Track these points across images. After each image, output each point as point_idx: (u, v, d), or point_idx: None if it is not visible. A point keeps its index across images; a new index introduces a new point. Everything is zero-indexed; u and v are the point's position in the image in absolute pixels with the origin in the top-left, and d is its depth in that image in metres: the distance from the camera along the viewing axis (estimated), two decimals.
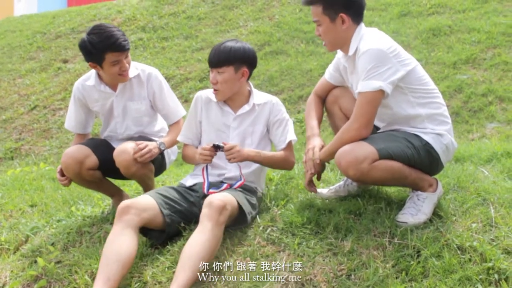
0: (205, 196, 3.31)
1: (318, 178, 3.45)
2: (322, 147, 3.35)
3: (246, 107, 3.55)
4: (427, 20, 9.34)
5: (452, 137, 3.25)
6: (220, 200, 3.05)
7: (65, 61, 11.42)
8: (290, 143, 3.57)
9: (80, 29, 12.47)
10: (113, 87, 3.87)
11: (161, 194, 3.29)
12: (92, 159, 3.69)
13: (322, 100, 3.57)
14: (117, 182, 4.13)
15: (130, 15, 12.43)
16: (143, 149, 3.58)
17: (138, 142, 3.63)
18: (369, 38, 3.13)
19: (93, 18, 12.78)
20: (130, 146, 3.61)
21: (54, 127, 9.34)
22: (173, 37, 11.16)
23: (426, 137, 3.14)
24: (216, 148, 3.34)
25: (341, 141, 3.11)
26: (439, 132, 3.17)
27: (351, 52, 3.20)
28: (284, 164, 3.58)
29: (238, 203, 3.19)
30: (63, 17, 13.41)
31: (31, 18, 14.52)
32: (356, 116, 3.09)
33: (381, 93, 3.03)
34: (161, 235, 3.27)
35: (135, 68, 3.86)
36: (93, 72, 3.87)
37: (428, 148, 3.13)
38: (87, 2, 16.94)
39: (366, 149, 3.01)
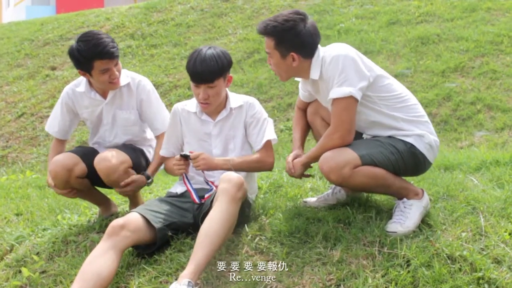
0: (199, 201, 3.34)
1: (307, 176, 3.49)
2: (296, 157, 3.38)
3: (224, 113, 3.50)
4: (416, 28, 9.37)
5: (434, 135, 3.26)
6: (238, 177, 3.08)
7: (53, 68, 11.36)
8: (267, 143, 3.49)
9: (68, 36, 12.42)
10: (104, 95, 3.81)
11: (152, 210, 3.26)
12: (81, 167, 3.65)
13: (305, 112, 3.60)
14: (104, 191, 4.08)
15: (119, 22, 12.40)
16: (128, 184, 3.63)
17: (126, 180, 3.64)
18: (330, 49, 3.16)
19: (81, 25, 12.73)
20: (111, 154, 3.58)
21: (41, 134, 9.26)
22: (162, 44, 11.14)
23: (409, 140, 3.17)
24: (184, 157, 3.35)
25: (324, 149, 3.13)
26: (419, 133, 3.19)
27: (315, 76, 3.21)
28: (260, 166, 3.48)
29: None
30: (51, 24, 13.35)
31: (19, 25, 14.46)
32: (336, 124, 3.10)
33: (353, 99, 3.05)
34: (150, 247, 3.23)
35: (125, 76, 3.81)
36: (83, 78, 3.82)
37: (413, 150, 3.15)
38: (76, 9, 16.88)
39: (348, 155, 3.03)
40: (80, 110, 3.88)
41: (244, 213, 3.33)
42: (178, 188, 3.55)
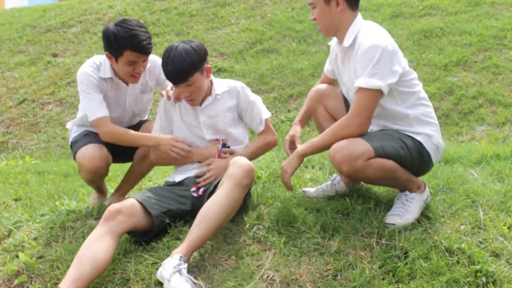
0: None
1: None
2: (292, 139, 3.38)
3: (209, 99, 3.53)
4: (419, 21, 9.34)
5: (440, 137, 3.23)
6: (248, 163, 3.08)
7: (55, 55, 11.34)
8: (266, 122, 3.64)
9: (70, 23, 12.39)
10: (126, 81, 3.75)
11: (149, 197, 3.25)
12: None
13: None
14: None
15: (121, 10, 12.36)
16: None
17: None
18: (370, 32, 3.07)
19: (84, 13, 12.70)
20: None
21: (42, 121, 9.26)
22: (164, 33, 11.11)
23: (418, 137, 3.12)
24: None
25: (337, 137, 3.03)
26: (428, 133, 3.15)
27: (346, 43, 3.14)
28: (269, 147, 3.69)
29: None
30: (54, 11, 13.32)
31: (21, 11, 14.42)
32: (358, 112, 3.01)
33: (380, 92, 2.98)
34: (147, 234, 3.22)
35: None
36: (102, 61, 3.69)
37: (420, 149, 3.11)
38: None
39: (362, 146, 2.96)
40: (103, 93, 3.73)
41: (245, 202, 3.33)
42: (176, 177, 3.56)
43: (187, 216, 3.26)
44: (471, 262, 2.77)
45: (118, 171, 5.33)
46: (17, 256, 3.37)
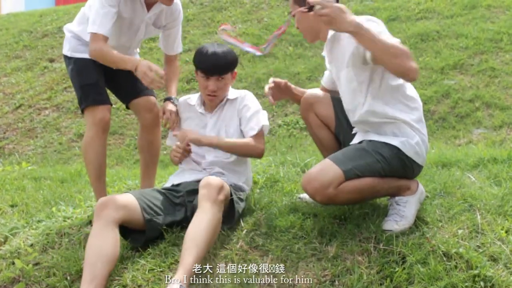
0: (190, 192, 3.34)
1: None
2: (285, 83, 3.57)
3: (221, 104, 3.61)
4: (415, 25, 9.34)
5: (425, 135, 3.13)
6: (217, 180, 3.10)
7: (52, 60, 11.31)
8: (260, 129, 3.52)
9: None
10: (148, 6, 3.78)
11: (146, 198, 3.25)
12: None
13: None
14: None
15: None
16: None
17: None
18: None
19: None
20: None
21: (39, 126, 9.23)
22: None
23: (394, 142, 3.03)
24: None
25: (401, 62, 2.79)
26: (408, 133, 3.06)
27: (329, 35, 3.18)
28: (248, 150, 3.48)
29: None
30: (50, 16, 13.29)
31: (17, 17, 14.39)
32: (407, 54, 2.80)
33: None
34: (141, 237, 3.21)
35: None
36: None
37: (399, 155, 3.03)
38: (75, 1, 16.81)
39: (332, 173, 2.92)
40: (122, 10, 3.70)
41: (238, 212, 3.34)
42: (175, 180, 3.57)
43: (183, 223, 3.27)
44: (469, 267, 2.76)
45: (114, 176, 5.31)
46: (13, 263, 3.36)
